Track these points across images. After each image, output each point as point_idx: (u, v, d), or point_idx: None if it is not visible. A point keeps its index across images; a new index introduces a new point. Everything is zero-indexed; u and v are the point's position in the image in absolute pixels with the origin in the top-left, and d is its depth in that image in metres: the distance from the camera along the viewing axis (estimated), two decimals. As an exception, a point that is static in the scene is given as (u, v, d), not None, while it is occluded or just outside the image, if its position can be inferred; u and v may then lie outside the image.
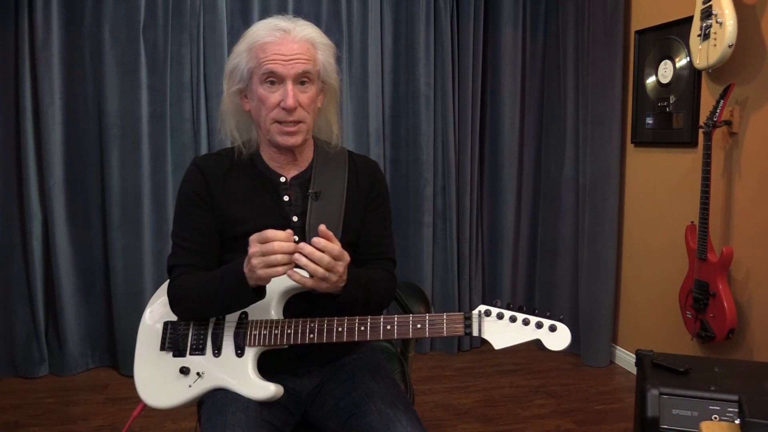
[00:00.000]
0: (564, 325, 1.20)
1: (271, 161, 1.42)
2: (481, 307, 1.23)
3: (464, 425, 2.51)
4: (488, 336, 1.22)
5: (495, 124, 3.38)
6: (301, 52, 1.31)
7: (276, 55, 1.30)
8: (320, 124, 1.45)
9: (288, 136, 1.33)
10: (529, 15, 3.34)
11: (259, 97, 1.32)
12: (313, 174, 1.42)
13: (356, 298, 1.30)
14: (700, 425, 1.32)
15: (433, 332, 1.24)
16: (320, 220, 1.34)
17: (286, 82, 1.30)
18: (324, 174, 1.43)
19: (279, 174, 1.41)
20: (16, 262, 2.94)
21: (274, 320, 1.31)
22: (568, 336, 1.20)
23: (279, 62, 1.29)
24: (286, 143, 1.34)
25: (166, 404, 1.35)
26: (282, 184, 1.41)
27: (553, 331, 1.20)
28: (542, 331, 1.20)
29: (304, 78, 1.32)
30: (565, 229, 3.31)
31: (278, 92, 1.31)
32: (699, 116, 2.61)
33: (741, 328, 2.40)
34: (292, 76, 1.30)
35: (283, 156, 1.41)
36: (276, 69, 1.29)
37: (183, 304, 1.35)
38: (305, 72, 1.31)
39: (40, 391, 2.81)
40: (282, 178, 1.41)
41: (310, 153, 1.45)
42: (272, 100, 1.31)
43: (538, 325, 1.20)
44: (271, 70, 1.30)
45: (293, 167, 1.43)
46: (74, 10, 2.88)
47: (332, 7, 3.10)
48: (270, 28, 1.32)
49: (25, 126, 2.85)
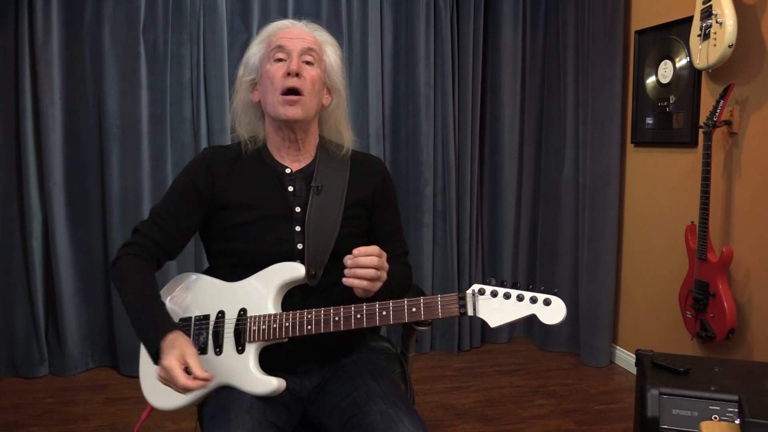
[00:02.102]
0: (558, 299, 1.19)
1: (276, 153, 1.46)
2: (474, 287, 1.23)
3: (464, 425, 2.51)
4: (483, 315, 1.21)
5: (495, 124, 3.38)
6: (308, 36, 1.43)
7: (285, 35, 1.41)
8: (330, 129, 1.51)
9: (289, 105, 1.37)
10: (529, 15, 3.35)
11: (268, 74, 1.39)
12: (317, 168, 1.45)
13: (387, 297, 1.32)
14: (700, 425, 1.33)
15: (428, 314, 1.23)
16: (321, 214, 1.40)
17: (292, 54, 1.38)
18: (327, 169, 1.46)
19: (284, 165, 1.45)
20: (16, 262, 2.94)
21: (272, 314, 1.31)
22: (563, 309, 1.19)
23: (286, 39, 1.40)
24: (287, 114, 1.37)
25: (172, 406, 1.36)
26: (287, 174, 1.44)
27: (548, 305, 1.19)
28: (537, 306, 1.20)
29: (309, 57, 1.40)
30: (565, 229, 3.31)
31: (285, 66, 1.38)
32: (699, 116, 2.62)
33: (741, 328, 2.40)
34: (298, 49, 1.39)
35: (287, 145, 1.44)
36: (283, 43, 1.39)
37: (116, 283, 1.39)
38: (310, 49, 1.40)
39: (40, 391, 2.81)
40: (287, 170, 1.44)
41: (314, 148, 1.49)
42: (279, 72, 1.38)
43: (532, 300, 1.20)
44: (278, 44, 1.39)
45: (297, 161, 1.46)
46: (74, 10, 2.88)
47: (332, 7, 3.10)
48: (282, 22, 1.46)
49: (25, 126, 2.85)
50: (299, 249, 1.38)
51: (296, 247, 1.38)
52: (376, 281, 1.27)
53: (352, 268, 1.25)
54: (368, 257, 1.25)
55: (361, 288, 1.26)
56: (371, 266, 1.25)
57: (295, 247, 1.38)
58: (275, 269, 1.34)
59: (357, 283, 1.25)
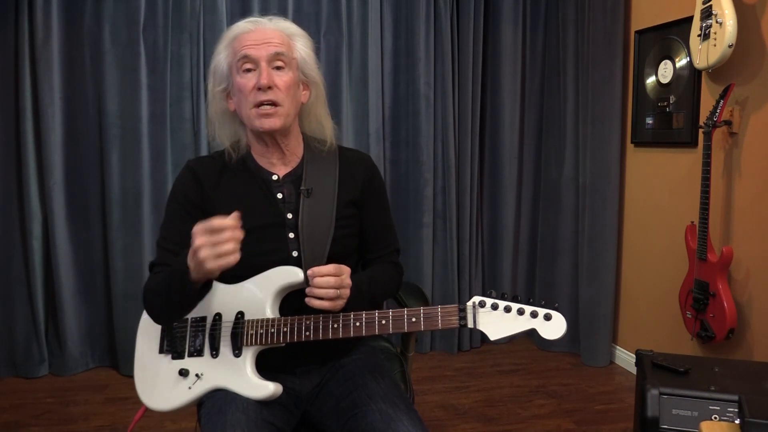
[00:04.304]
0: (559, 314, 1.20)
1: (261, 159, 1.42)
2: (475, 299, 1.23)
3: (464, 425, 2.51)
4: (483, 327, 1.21)
5: (495, 124, 3.38)
6: (274, 36, 1.34)
7: (249, 41, 1.33)
8: (311, 123, 1.46)
9: (265, 118, 1.33)
10: (529, 15, 3.34)
11: (238, 86, 1.34)
12: (305, 171, 1.42)
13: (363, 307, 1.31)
14: (700, 425, 1.33)
15: (428, 325, 1.24)
16: (313, 218, 1.36)
17: (260, 64, 1.32)
18: (315, 171, 1.42)
19: (271, 172, 1.42)
20: (16, 262, 2.94)
21: (270, 319, 1.31)
22: (563, 324, 1.19)
23: (252, 46, 1.33)
24: (263, 126, 1.33)
25: (167, 407, 1.36)
26: (275, 181, 1.41)
27: (548, 320, 1.19)
28: (537, 321, 1.20)
29: (278, 62, 1.34)
30: (565, 229, 3.31)
31: (254, 77, 1.32)
32: (699, 116, 2.61)
33: (741, 328, 2.40)
34: (265, 57, 1.32)
35: (271, 151, 1.41)
36: (249, 52, 1.32)
37: (149, 305, 1.36)
38: (278, 54, 1.33)
39: (40, 391, 2.81)
40: (274, 176, 1.41)
41: (299, 150, 1.45)
42: (249, 85, 1.32)
43: (533, 315, 1.20)
44: (244, 54, 1.33)
45: (284, 165, 1.43)
46: (74, 10, 2.88)
47: (332, 7, 3.10)
48: (245, 22, 1.38)
49: (25, 126, 2.85)
50: (294, 256, 1.36)
51: (291, 255, 1.36)
52: (337, 299, 1.25)
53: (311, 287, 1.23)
54: (324, 278, 1.23)
55: (322, 307, 1.24)
56: (329, 287, 1.23)
57: (290, 255, 1.36)
58: (273, 273, 1.33)
59: (317, 303, 1.24)
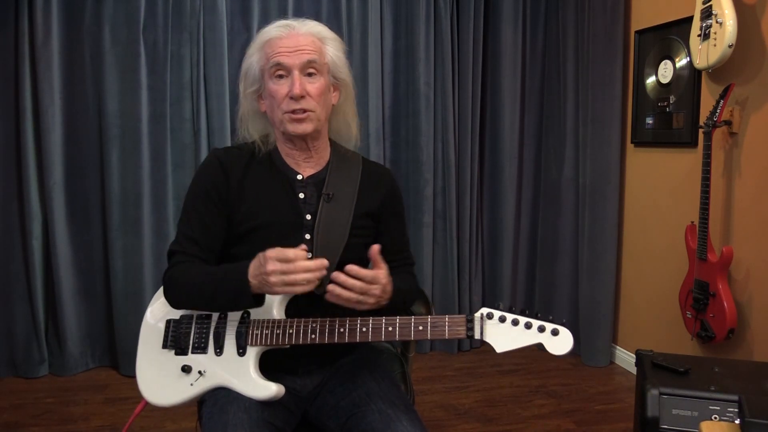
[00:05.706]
0: (566, 330, 1.21)
1: (288, 158, 1.43)
2: (483, 310, 1.23)
3: (464, 425, 2.51)
4: (490, 339, 1.22)
5: (495, 124, 3.38)
6: (307, 43, 1.35)
7: (282, 48, 1.33)
8: (339, 125, 1.47)
9: (297, 123, 1.34)
10: (529, 15, 3.34)
11: (270, 92, 1.35)
12: (328, 176, 1.43)
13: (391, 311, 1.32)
14: (700, 425, 1.33)
15: (435, 334, 1.24)
16: (330, 222, 1.37)
17: (292, 72, 1.33)
18: (338, 177, 1.43)
19: (296, 171, 1.42)
20: (16, 262, 2.94)
21: (276, 320, 1.31)
22: (570, 340, 1.20)
23: (284, 54, 1.33)
24: (296, 131, 1.35)
25: (168, 402, 1.36)
26: (298, 181, 1.42)
27: (556, 335, 1.20)
28: (544, 335, 1.20)
29: (310, 69, 1.34)
30: (565, 229, 3.31)
31: (286, 84, 1.33)
32: (699, 116, 2.61)
33: (741, 328, 2.40)
34: (298, 65, 1.33)
35: (299, 152, 1.42)
36: (282, 60, 1.33)
37: (177, 293, 1.35)
38: (311, 62, 1.34)
39: (40, 391, 2.81)
40: (299, 176, 1.42)
41: (326, 154, 1.46)
42: (281, 92, 1.34)
43: (540, 329, 1.20)
44: (277, 62, 1.33)
45: (309, 166, 1.43)
46: (74, 10, 2.88)
47: (332, 7, 3.10)
48: (277, 26, 1.37)
49: (25, 126, 2.85)
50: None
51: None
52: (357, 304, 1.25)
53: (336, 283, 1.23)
54: (354, 281, 1.22)
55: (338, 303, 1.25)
56: (354, 289, 1.22)
57: None
58: None
59: (334, 299, 1.24)
